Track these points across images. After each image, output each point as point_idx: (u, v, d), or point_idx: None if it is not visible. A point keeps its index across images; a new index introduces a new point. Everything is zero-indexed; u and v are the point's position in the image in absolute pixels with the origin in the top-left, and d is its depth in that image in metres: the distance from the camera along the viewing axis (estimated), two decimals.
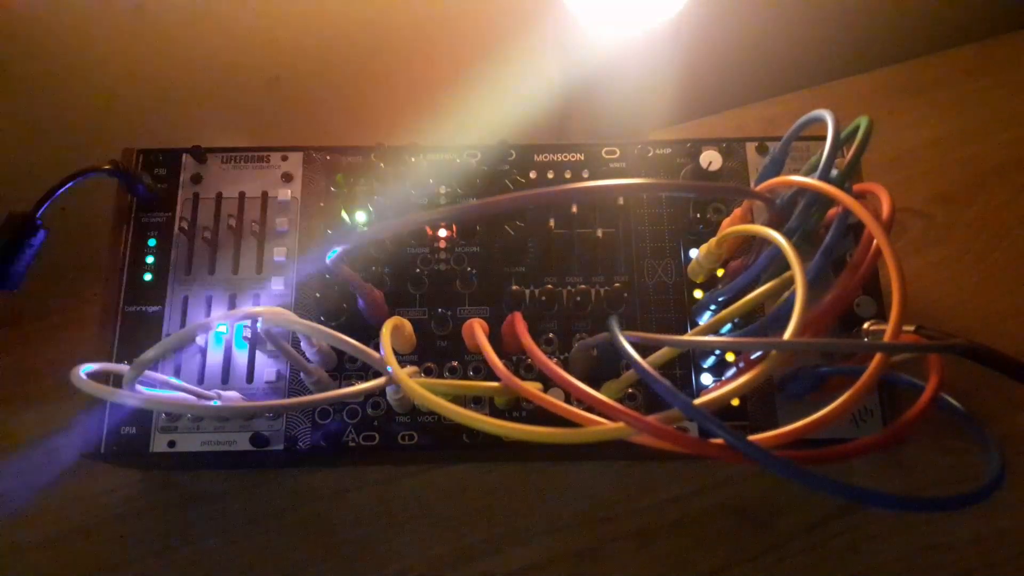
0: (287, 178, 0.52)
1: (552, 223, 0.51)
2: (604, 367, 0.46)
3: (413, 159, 0.52)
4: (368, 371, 0.48)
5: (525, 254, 0.50)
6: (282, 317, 0.39)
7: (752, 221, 0.47)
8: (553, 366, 0.37)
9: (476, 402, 0.47)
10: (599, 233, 0.51)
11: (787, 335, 0.33)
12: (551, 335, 0.49)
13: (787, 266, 0.36)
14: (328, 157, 0.53)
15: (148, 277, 0.50)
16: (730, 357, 0.47)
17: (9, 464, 0.56)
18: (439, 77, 0.68)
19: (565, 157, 0.53)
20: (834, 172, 0.39)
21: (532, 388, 0.37)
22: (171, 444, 0.46)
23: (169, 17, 0.56)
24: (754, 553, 0.52)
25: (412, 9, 0.61)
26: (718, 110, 0.70)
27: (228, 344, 0.48)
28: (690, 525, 0.53)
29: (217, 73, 0.61)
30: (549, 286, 0.49)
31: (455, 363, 0.48)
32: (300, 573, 0.52)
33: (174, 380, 0.43)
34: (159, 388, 0.42)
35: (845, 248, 0.48)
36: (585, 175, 0.53)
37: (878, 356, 0.33)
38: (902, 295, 0.34)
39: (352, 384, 0.40)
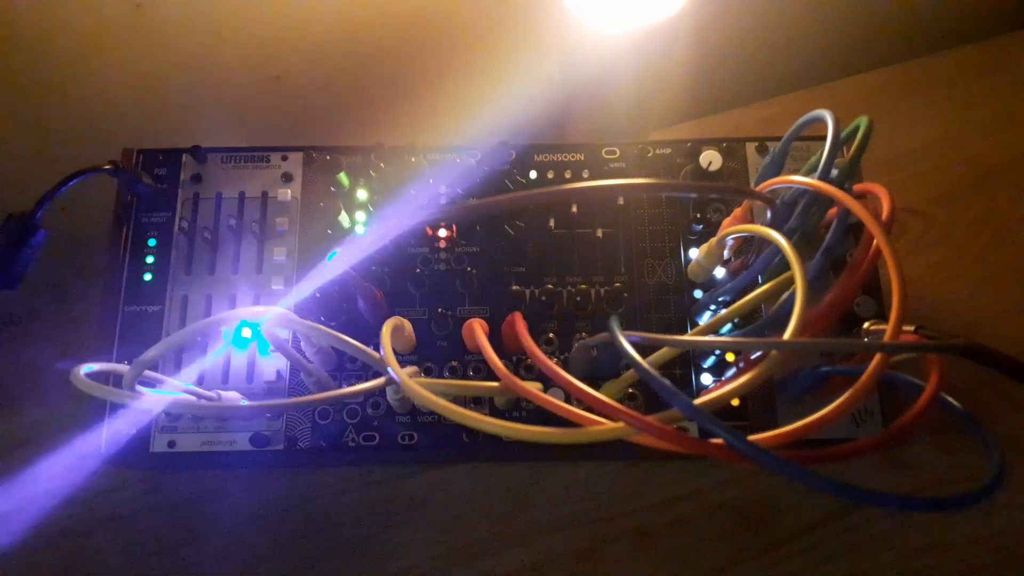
0: (287, 178, 0.52)
1: (552, 223, 0.51)
2: (604, 367, 0.46)
3: (413, 159, 0.52)
4: (368, 371, 0.48)
5: (525, 254, 0.50)
6: (282, 317, 0.39)
7: (752, 221, 0.47)
8: (553, 366, 0.37)
9: (476, 402, 0.47)
10: (599, 233, 0.51)
11: (787, 335, 0.33)
12: (551, 335, 0.49)
13: (787, 266, 0.36)
14: (328, 157, 0.53)
15: (148, 277, 0.50)
16: (730, 357, 0.47)
17: (9, 464, 0.56)
18: (439, 77, 0.68)
19: (565, 157, 0.53)
20: (834, 172, 0.39)
21: (532, 388, 0.37)
22: (171, 444, 0.46)
23: (169, 17, 0.56)
24: (754, 553, 0.52)
25: (412, 9, 0.61)
26: (718, 110, 0.70)
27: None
28: (690, 525, 0.53)
29: (217, 73, 0.61)
30: (549, 286, 0.49)
31: (455, 363, 0.48)
32: (300, 573, 0.52)
33: (174, 380, 0.43)
34: (159, 388, 0.42)
35: (845, 248, 0.48)
36: (585, 175, 0.52)
37: (878, 356, 0.33)
38: (902, 295, 0.34)
39: (352, 384, 0.40)
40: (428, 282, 0.50)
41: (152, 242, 0.50)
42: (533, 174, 0.52)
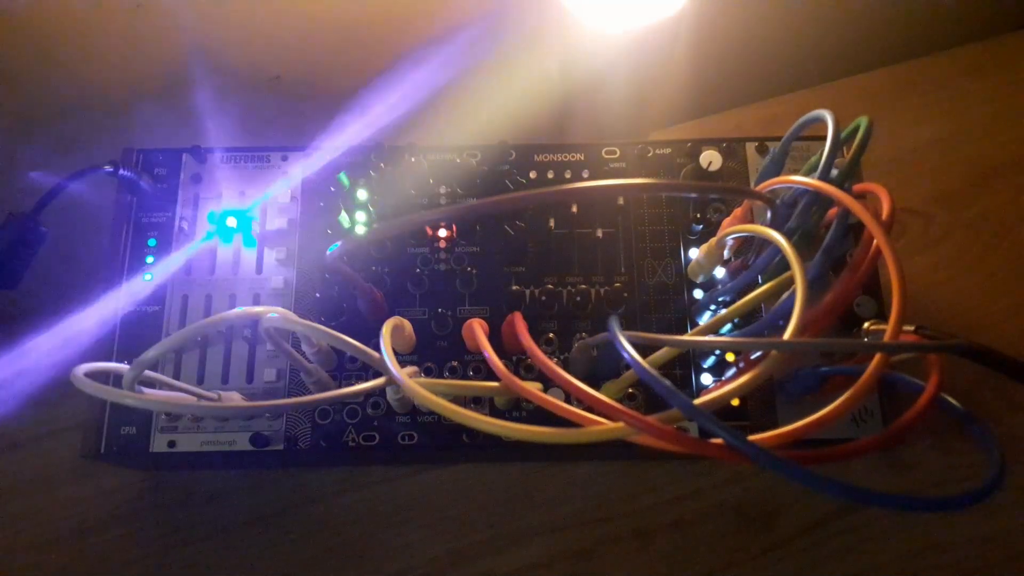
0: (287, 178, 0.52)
1: (552, 223, 0.51)
2: (604, 367, 0.46)
3: (413, 159, 0.52)
4: (368, 371, 0.48)
5: (525, 254, 0.50)
6: (282, 317, 0.39)
7: (752, 221, 0.47)
8: (553, 366, 0.37)
9: (476, 402, 0.47)
10: (599, 233, 0.51)
11: (787, 335, 0.33)
12: (551, 335, 0.49)
13: (787, 266, 0.36)
14: (328, 157, 0.53)
15: (148, 277, 0.50)
16: (730, 357, 0.47)
17: (9, 464, 0.56)
18: (439, 77, 0.68)
19: (565, 157, 0.53)
20: (834, 172, 0.39)
21: (532, 388, 0.37)
22: (171, 444, 0.46)
23: (169, 16, 0.56)
24: (754, 553, 0.52)
25: (412, 9, 0.61)
26: (718, 110, 0.70)
27: (228, 341, 0.48)
28: (690, 525, 0.53)
29: (217, 73, 0.61)
30: (549, 286, 0.49)
31: (455, 363, 0.48)
32: (300, 573, 0.52)
33: (174, 380, 0.43)
34: (159, 388, 0.42)
35: (845, 248, 0.48)
36: (585, 175, 0.52)
37: (878, 356, 0.33)
38: (902, 295, 0.34)
39: (352, 384, 0.40)
40: (428, 282, 0.50)
41: (152, 242, 0.50)
42: (533, 174, 0.52)
